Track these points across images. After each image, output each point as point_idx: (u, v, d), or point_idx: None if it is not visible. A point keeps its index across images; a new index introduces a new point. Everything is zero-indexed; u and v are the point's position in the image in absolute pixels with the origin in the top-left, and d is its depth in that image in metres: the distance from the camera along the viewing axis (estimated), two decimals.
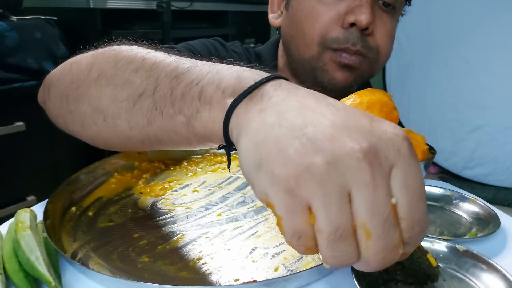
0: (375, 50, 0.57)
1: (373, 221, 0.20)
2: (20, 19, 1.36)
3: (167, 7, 1.48)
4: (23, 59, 1.31)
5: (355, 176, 0.19)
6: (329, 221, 0.20)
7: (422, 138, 0.54)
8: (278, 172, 0.20)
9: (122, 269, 0.33)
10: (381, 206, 0.20)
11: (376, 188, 0.20)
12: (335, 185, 0.19)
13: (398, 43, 2.14)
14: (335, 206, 0.19)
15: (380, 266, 0.21)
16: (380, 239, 0.20)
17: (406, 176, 0.21)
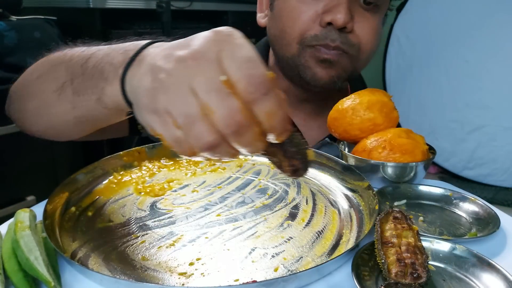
0: (357, 47, 0.58)
1: (210, 97, 0.25)
2: (19, 19, 1.36)
3: (166, 7, 1.47)
4: (22, 59, 1.31)
5: (188, 74, 0.26)
6: (181, 113, 0.26)
7: (422, 139, 0.54)
8: (144, 103, 0.28)
9: (121, 269, 0.33)
10: (212, 83, 0.25)
11: (204, 73, 0.25)
12: (177, 88, 0.26)
13: (398, 43, 2.13)
14: (181, 102, 0.26)
15: (240, 141, 0.26)
16: (221, 109, 0.25)
17: (233, 54, 0.25)
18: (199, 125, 0.25)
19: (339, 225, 0.41)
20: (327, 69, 0.58)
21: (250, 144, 0.26)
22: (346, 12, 0.54)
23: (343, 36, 0.56)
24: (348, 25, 0.55)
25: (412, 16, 1.81)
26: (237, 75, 0.25)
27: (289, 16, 0.58)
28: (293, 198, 0.46)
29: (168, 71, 0.26)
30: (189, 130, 0.26)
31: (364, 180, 0.47)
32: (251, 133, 0.26)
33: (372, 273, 0.33)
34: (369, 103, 0.53)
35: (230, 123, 0.25)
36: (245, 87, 0.25)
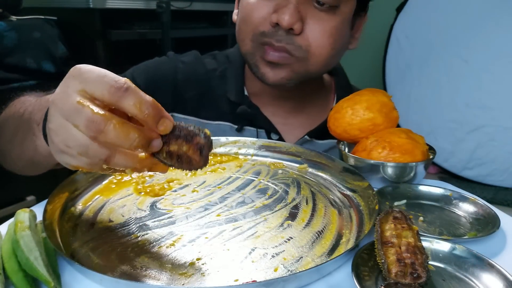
0: (304, 50, 0.56)
1: (74, 119, 0.32)
2: (19, 19, 1.36)
3: (166, 7, 1.47)
4: (22, 59, 1.31)
5: (59, 113, 0.33)
6: (74, 144, 0.32)
7: (421, 139, 0.54)
8: (52, 148, 0.35)
9: (121, 269, 0.33)
10: (72, 109, 0.32)
11: (66, 105, 0.32)
12: (60, 128, 0.33)
13: (397, 43, 2.14)
14: (68, 136, 0.32)
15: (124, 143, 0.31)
16: (81, 120, 0.31)
17: (87, 80, 0.32)
18: (90, 144, 0.31)
19: (339, 225, 0.41)
20: (275, 70, 0.58)
21: (126, 135, 0.31)
22: (292, 13, 0.53)
23: (289, 38, 0.55)
24: (295, 26, 0.54)
25: (411, 16, 1.81)
26: (97, 90, 0.31)
27: (245, 12, 0.58)
28: (293, 198, 0.46)
29: (49, 115, 0.34)
30: (88, 153, 0.32)
31: (364, 180, 0.47)
32: (114, 126, 0.31)
33: (372, 273, 0.33)
34: (369, 103, 0.53)
35: (90, 126, 0.31)
36: (108, 93, 0.31)
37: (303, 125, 0.69)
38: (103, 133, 0.31)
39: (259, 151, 0.58)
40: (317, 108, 0.70)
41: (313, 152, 0.55)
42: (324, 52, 0.57)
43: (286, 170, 0.54)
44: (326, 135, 0.67)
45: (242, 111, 0.65)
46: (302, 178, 0.52)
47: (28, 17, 1.39)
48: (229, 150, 0.58)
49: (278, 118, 0.68)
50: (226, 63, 0.69)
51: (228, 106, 0.67)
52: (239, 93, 0.66)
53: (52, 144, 0.34)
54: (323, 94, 0.72)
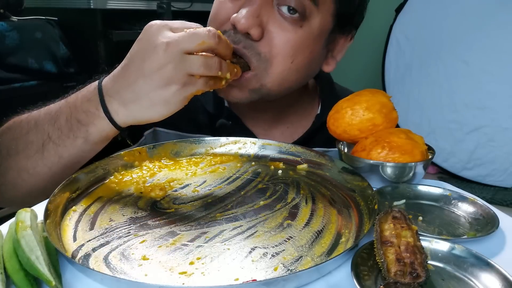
0: (262, 58, 0.51)
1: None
2: (20, 19, 1.36)
3: (167, 7, 1.48)
4: (24, 59, 1.32)
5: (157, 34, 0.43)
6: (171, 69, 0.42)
7: (421, 139, 0.54)
8: (153, 94, 0.44)
9: (122, 269, 0.33)
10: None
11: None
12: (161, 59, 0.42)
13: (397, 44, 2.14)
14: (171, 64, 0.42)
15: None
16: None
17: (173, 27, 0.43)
18: (209, 59, 0.43)
19: (338, 225, 0.41)
20: (230, 90, 0.54)
21: (228, 50, 0.45)
22: (249, 16, 0.49)
23: (248, 42, 0.51)
24: (252, 31, 0.49)
25: (411, 17, 1.81)
26: (196, 40, 0.42)
27: (212, 12, 0.57)
28: (293, 198, 0.46)
29: (150, 63, 0.42)
30: (210, 65, 0.43)
31: (364, 180, 0.47)
32: (223, 43, 0.44)
33: (371, 272, 0.33)
34: (369, 104, 0.53)
35: (212, 42, 0.43)
36: (207, 39, 0.43)
37: (284, 134, 0.66)
38: (220, 42, 0.43)
39: (259, 151, 0.58)
40: (299, 116, 0.67)
41: (313, 152, 0.56)
42: (283, 65, 0.52)
43: (286, 170, 0.54)
44: (309, 143, 0.63)
45: (221, 125, 0.63)
46: (302, 178, 0.52)
47: (30, 18, 1.39)
48: (229, 150, 0.59)
49: (259, 129, 0.66)
50: None
51: (207, 117, 0.64)
52: (217, 105, 0.64)
53: (164, 90, 0.42)
54: (307, 100, 0.68)
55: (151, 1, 1.56)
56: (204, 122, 0.65)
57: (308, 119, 0.68)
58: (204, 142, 0.58)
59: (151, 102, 0.43)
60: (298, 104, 0.68)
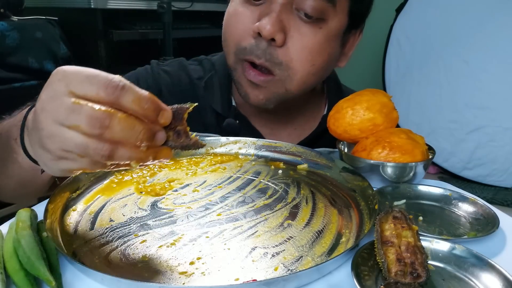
0: (284, 66, 0.53)
1: (72, 119, 0.30)
2: (21, 19, 1.36)
3: (168, 7, 1.48)
4: (24, 59, 1.32)
5: (51, 115, 0.31)
6: (72, 146, 0.31)
7: (421, 139, 0.54)
8: (46, 157, 0.33)
9: (122, 269, 0.33)
10: (67, 110, 0.30)
11: (60, 107, 0.30)
12: (53, 131, 0.31)
13: (397, 44, 2.14)
14: (64, 138, 0.31)
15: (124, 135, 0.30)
16: (82, 119, 0.30)
17: (78, 81, 0.30)
18: (90, 143, 0.30)
19: (338, 225, 0.41)
20: (255, 91, 0.56)
21: (131, 129, 0.30)
22: (274, 22, 0.50)
23: (269, 53, 0.52)
24: (277, 36, 0.51)
25: (411, 17, 1.81)
26: (90, 91, 0.30)
27: (228, 22, 0.56)
28: (293, 198, 0.46)
29: (38, 123, 0.32)
30: (88, 152, 0.30)
31: (364, 180, 0.47)
32: (119, 121, 0.30)
33: (371, 272, 0.33)
34: (369, 104, 0.53)
35: (94, 122, 0.29)
36: (104, 93, 0.30)
37: (291, 135, 0.67)
38: (108, 129, 0.29)
39: (260, 151, 0.58)
40: (306, 118, 0.68)
41: (313, 152, 0.56)
42: (303, 69, 0.55)
43: (286, 170, 0.54)
44: (316, 144, 0.64)
45: (228, 124, 0.63)
46: (302, 178, 0.52)
47: (30, 17, 1.39)
48: (230, 150, 0.59)
49: (266, 129, 0.66)
50: (212, 71, 0.67)
51: (214, 117, 0.65)
52: (225, 104, 0.64)
53: (46, 154, 0.32)
54: (313, 102, 0.69)
55: (152, 1, 1.56)
56: (212, 122, 0.65)
57: (315, 120, 0.68)
58: (204, 142, 0.58)
59: (41, 160, 0.36)
60: (306, 106, 0.68)
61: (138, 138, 0.31)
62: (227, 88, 0.65)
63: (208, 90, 0.66)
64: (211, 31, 1.81)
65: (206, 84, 0.66)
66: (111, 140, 0.30)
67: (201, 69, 0.68)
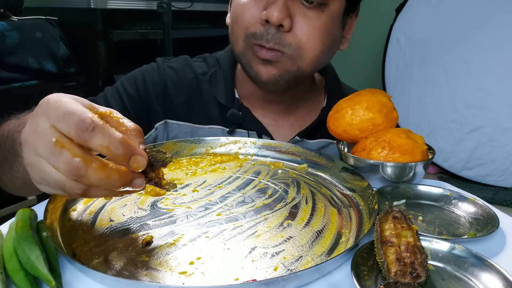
0: (294, 46, 0.56)
1: (51, 159, 0.31)
2: (20, 19, 1.36)
3: (167, 7, 1.48)
4: (24, 59, 1.32)
5: (34, 149, 0.32)
6: (51, 180, 0.32)
7: (421, 139, 0.54)
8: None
9: (122, 268, 0.33)
10: (47, 148, 0.31)
11: (41, 143, 0.31)
12: (36, 164, 0.33)
13: (397, 44, 2.14)
14: (44, 172, 0.32)
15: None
16: (60, 164, 0.31)
17: (57, 115, 0.31)
18: (67, 182, 0.31)
19: (338, 225, 0.41)
20: (268, 67, 0.58)
21: (107, 179, 0.31)
22: (280, 9, 0.54)
23: (278, 37, 0.56)
24: (284, 22, 0.54)
25: (411, 17, 1.81)
26: (65, 128, 0.30)
27: (236, 13, 0.59)
28: (293, 198, 0.46)
29: (22, 152, 0.34)
30: (64, 188, 0.32)
31: (364, 180, 0.47)
32: (95, 171, 0.30)
33: (371, 272, 0.33)
34: (369, 104, 0.53)
35: (71, 170, 0.30)
36: (74, 134, 0.30)
37: (293, 126, 0.69)
38: (84, 177, 0.30)
39: (259, 151, 0.58)
40: (307, 109, 0.71)
41: (313, 152, 0.56)
42: (315, 47, 0.58)
43: (286, 170, 0.54)
44: (316, 135, 0.68)
45: (232, 114, 0.65)
46: (302, 178, 0.52)
47: (30, 17, 1.39)
48: (230, 150, 0.59)
49: (268, 120, 0.68)
50: (216, 66, 0.70)
51: (218, 109, 0.67)
52: (229, 96, 0.67)
53: (30, 175, 0.34)
54: (314, 94, 0.72)
55: (152, 1, 1.56)
56: (215, 114, 0.67)
57: (316, 111, 0.71)
58: (204, 142, 0.58)
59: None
60: (306, 97, 0.70)
61: (114, 185, 0.31)
62: (231, 81, 0.68)
63: (212, 83, 0.68)
64: (210, 31, 1.81)
65: (210, 78, 0.69)
66: (85, 184, 0.31)
67: (205, 65, 0.71)
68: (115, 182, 0.31)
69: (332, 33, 0.59)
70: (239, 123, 0.66)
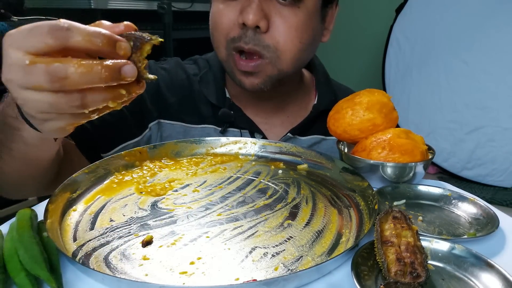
0: (273, 48, 0.57)
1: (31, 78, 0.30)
2: (21, 19, 1.36)
3: (168, 8, 1.48)
4: None
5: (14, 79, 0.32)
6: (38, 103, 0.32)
7: (421, 139, 0.54)
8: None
9: (123, 269, 0.33)
10: (24, 71, 0.30)
11: (16, 73, 0.31)
12: (14, 88, 0.32)
13: (397, 44, 2.14)
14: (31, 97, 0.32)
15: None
16: (40, 77, 0.30)
17: (25, 37, 0.30)
18: (58, 98, 0.30)
19: (338, 225, 0.41)
20: (249, 78, 0.59)
21: (90, 72, 0.29)
22: (255, 12, 0.54)
23: (256, 38, 0.56)
24: (261, 23, 0.55)
25: (411, 17, 1.81)
26: (38, 43, 0.29)
27: (215, 20, 0.60)
28: (293, 198, 0.46)
29: (13, 94, 0.32)
30: (61, 107, 0.31)
31: (364, 180, 0.47)
32: (75, 67, 0.29)
33: (371, 272, 0.33)
34: (369, 104, 0.53)
35: (51, 78, 0.29)
36: (51, 39, 0.29)
37: (284, 123, 0.70)
38: (67, 78, 0.29)
39: (260, 151, 0.58)
40: (298, 106, 0.71)
41: (313, 152, 0.56)
42: (293, 48, 0.58)
43: (286, 170, 0.54)
44: (308, 132, 0.69)
45: (224, 113, 0.66)
46: (302, 178, 0.52)
47: (30, 18, 1.39)
48: (230, 150, 0.59)
49: (260, 118, 0.69)
50: (207, 67, 0.71)
51: (210, 109, 0.68)
52: (220, 96, 0.68)
53: (32, 120, 0.34)
54: (304, 91, 0.73)
55: (152, 1, 1.56)
56: (208, 113, 0.68)
57: (307, 109, 0.71)
58: (204, 142, 0.58)
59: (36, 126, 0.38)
60: (297, 95, 0.71)
61: (101, 78, 0.30)
62: (221, 81, 0.69)
63: (203, 84, 0.69)
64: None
65: (201, 79, 0.70)
66: (76, 89, 0.30)
67: (196, 67, 0.72)
68: (102, 74, 0.29)
69: (311, 28, 0.59)
70: (231, 122, 0.67)
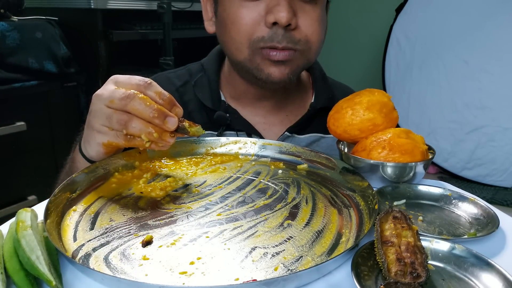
0: (303, 41, 0.59)
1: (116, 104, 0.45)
2: (21, 19, 1.36)
3: (168, 7, 1.48)
4: (24, 59, 1.32)
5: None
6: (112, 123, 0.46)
7: (421, 139, 0.54)
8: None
9: (122, 269, 0.33)
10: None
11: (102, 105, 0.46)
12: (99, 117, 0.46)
13: (397, 44, 2.14)
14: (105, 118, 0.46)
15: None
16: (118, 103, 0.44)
17: (120, 81, 0.47)
18: (115, 113, 0.44)
19: (338, 225, 0.41)
20: (281, 67, 0.60)
21: (146, 106, 0.43)
22: (288, 9, 0.55)
23: (288, 36, 0.57)
24: (292, 21, 0.56)
25: (411, 17, 1.81)
26: (128, 86, 0.45)
27: (233, 22, 0.59)
28: (293, 198, 0.46)
29: (90, 111, 0.47)
30: (112, 122, 0.44)
31: (364, 180, 0.47)
32: (140, 98, 0.43)
33: (371, 272, 0.33)
34: (369, 104, 0.53)
35: (124, 97, 0.43)
36: (136, 87, 0.45)
37: (283, 122, 0.71)
38: (131, 101, 0.42)
39: (260, 151, 0.58)
40: (296, 105, 0.72)
41: (313, 152, 0.56)
42: (319, 38, 0.61)
43: (286, 170, 0.54)
44: (306, 130, 0.70)
45: (219, 116, 0.67)
46: (302, 178, 0.52)
47: (30, 18, 1.40)
48: (230, 150, 0.59)
49: (259, 117, 0.69)
50: (201, 72, 0.71)
51: (205, 115, 0.68)
52: (215, 99, 0.68)
53: (88, 131, 0.47)
54: (302, 90, 0.74)
55: (152, 1, 1.56)
56: (202, 120, 0.68)
57: (305, 107, 0.72)
58: (204, 142, 0.58)
59: (86, 141, 0.50)
60: (295, 94, 0.72)
61: (151, 113, 0.43)
62: (216, 84, 0.69)
63: (198, 88, 0.70)
64: None
65: (195, 84, 0.70)
66: (130, 111, 0.43)
67: (187, 74, 0.72)
68: (152, 110, 0.43)
69: (325, 21, 0.63)
70: (227, 125, 0.67)
